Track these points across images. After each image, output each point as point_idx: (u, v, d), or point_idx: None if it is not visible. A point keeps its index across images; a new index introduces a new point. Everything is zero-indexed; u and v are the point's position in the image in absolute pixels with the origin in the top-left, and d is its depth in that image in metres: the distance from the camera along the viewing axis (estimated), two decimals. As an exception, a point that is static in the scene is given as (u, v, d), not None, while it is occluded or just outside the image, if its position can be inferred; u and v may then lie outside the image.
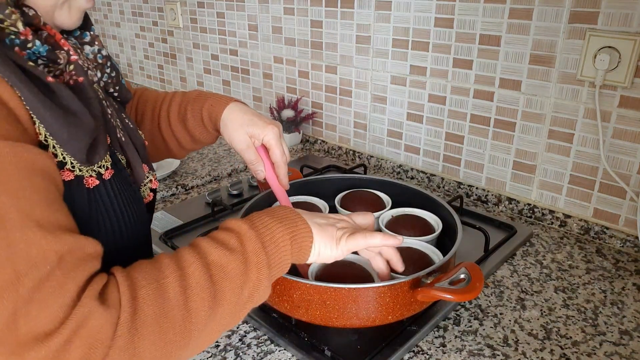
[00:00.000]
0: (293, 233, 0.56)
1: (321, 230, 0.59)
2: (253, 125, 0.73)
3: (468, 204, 1.15)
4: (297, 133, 1.50)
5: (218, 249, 0.51)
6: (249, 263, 0.51)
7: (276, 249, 0.54)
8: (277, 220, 0.56)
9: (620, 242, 0.97)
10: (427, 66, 1.17)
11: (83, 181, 0.50)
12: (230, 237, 0.52)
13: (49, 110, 0.45)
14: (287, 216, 0.57)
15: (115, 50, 2.35)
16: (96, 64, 0.59)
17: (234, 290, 0.50)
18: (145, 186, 0.64)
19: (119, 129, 0.60)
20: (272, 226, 0.55)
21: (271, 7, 1.48)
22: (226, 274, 0.50)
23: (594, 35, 0.90)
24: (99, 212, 0.52)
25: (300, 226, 0.57)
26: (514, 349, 0.72)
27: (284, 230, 0.55)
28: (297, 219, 0.58)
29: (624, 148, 0.93)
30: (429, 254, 0.77)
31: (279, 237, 0.55)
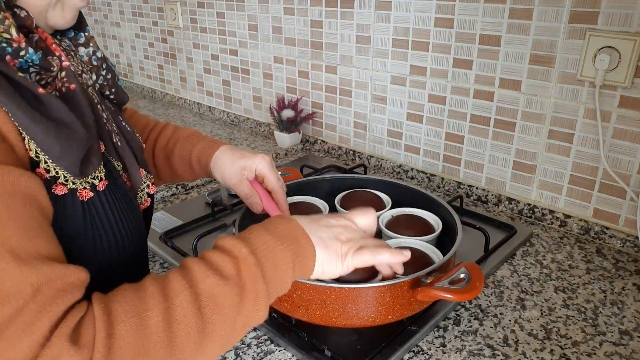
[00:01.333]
0: (295, 254, 0.52)
1: (325, 247, 0.55)
2: (243, 158, 0.72)
3: (468, 204, 1.15)
4: (297, 133, 1.50)
5: (211, 277, 0.46)
6: (245, 293, 0.47)
7: (277, 274, 0.50)
8: (278, 239, 0.51)
9: (620, 242, 0.97)
10: (427, 66, 1.17)
11: (77, 194, 0.49)
12: (226, 262, 0.48)
13: (40, 125, 0.44)
14: (289, 234, 0.53)
15: (115, 50, 2.35)
16: (91, 66, 0.57)
17: (226, 322, 0.46)
18: (143, 192, 0.62)
19: (115, 133, 0.58)
20: (273, 247, 0.50)
21: (271, 7, 1.48)
22: (218, 306, 0.45)
23: (594, 35, 0.90)
24: (94, 225, 0.50)
25: (303, 244, 0.53)
26: (514, 349, 0.72)
27: (286, 250, 0.51)
28: (300, 236, 0.53)
29: (624, 148, 0.93)
30: (429, 253, 0.77)
31: (280, 260, 0.50)
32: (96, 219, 0.51)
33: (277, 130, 1.51)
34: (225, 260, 0.48)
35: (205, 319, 0.44)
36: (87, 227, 0.50)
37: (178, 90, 2.04)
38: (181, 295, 0.44)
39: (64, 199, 0.48)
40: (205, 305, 0.45)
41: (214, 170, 0.74)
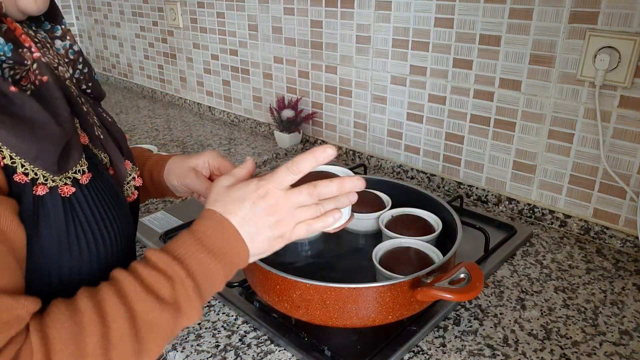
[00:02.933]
0: (229, 266, 0.51)
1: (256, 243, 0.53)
2: (193, 157, 0.72)
3: (468, 204, 1.15)
4: (297, 133, 1.50)
5: (147, 300, 0.45)
6: (181, 314, 0.47)
7: (212, 289, 0.50)
8: (214, 256, 0.49)
9: (620, 242, 0.97)
10: (427, 66, 1.17)
11: (57, 191, 0.47)
12: (162, 284, 0.46)
13: (13, 129, 0.42)
14: (223, 245, 0.50)
15: (115, 50, 2.35)
16: (67, 59, 0.56)
17: (161, 341, 0.47)
18: (129, 184, 0.61)
19: (97, 126, 0.57)
20: (208, 265, 0.49)
21: (271, 7, 1.48)
22: (154, 329, 0.45)
23: (594, 35, 0.90)
24: (78, 221, 0.49)
25: (238, 253, 0.51)
26: (514, 349, 0.72)
27: (220, 267, 0.50)
28: (234, 245, 0.51)
29: (624, 148, 0.93)
30: (429, 253, 0.77)
31: (215, 278, 0.50)
32: (80, 215, 0.49)
33: (277, 130, 1.51)
34: (162, 282, 0.46)
35: (142, 342, 0.44)
36: (70, 223, 0.48)
37: (178, 90, 2.04)
38: (118, 320, 0.43)
39: (44, 199, 0.46)
40: (142, 328, 0.44)
41: (168, 177, 0.72)
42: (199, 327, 0.77)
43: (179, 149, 1.52)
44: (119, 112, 1.95)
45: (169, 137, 1.63)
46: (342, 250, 0.91)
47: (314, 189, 0.53)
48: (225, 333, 0.76)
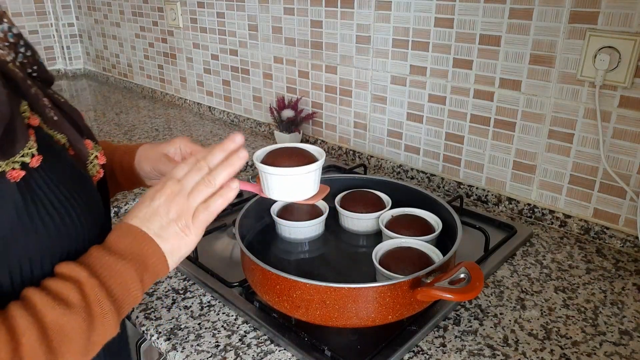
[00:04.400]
0: (141, 265, 0.49)
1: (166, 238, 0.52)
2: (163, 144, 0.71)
3: (468, 204, 1.15)
4: (297, 133, 1.50)
5: (56, 307, 0.43)
6: (92, 317, 0.45)
7: (124, 290, 0.48)
8: (120, 256, 0.49)
9: (620, 242, 0.97)
10: (427, 66, 1.17)
11: (6, 176, 0.45)
12: (69, 289, 0.45)
13: None
14: (131, 246, 0.50)
15: (115, 50, 2.36)
16: (8, 43, 0.54)
17: (77, 350, 0.45)
18: (92, 163, 0.59)
19: (49, 108, 0.54)
20: (114, 265, 0.48)
21: (271, 7, 1.48)
22: (67, 337, 0.44)
23: (594, 35, 0.90)
24: (39, 200, 0.47)
25: (148, 252, 0.50)
26: (514, 349, 0.72)
27: (129, 266, 0.49)
28: (144, 244, 0.50)
29: (624, 148, 0.93)
30: (429, 253, 0.77)
31: (125, 276, 0.48)
32: (41, 195, 0.47)
33: (277, 130, 1.51)
34: (68, 287, 0.45)
35: (56, 353, 0.43)
36: (30, 204, 0.46)
37: (178, 90, 2.04)
38: (27, 333, 0.42)
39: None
40: (54, 338, 0.43)
41: (140, 163, 0.71)
42: (199, 327, 0.77)
43: (179, 149, 1.52)
44: (119, 112, 1.95)
45: (169, 137, 1.63)
46: (342, 250, 0.91)
47: (202, 161, 0.53)
48: (225, 333, 0.76)
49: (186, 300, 0.83)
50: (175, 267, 0.91)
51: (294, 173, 0.64)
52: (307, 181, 0.65)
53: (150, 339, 0.77)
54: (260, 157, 0.68)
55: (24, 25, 2.46)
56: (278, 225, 0.91)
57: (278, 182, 0.65)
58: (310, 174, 0.65)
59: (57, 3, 2.51)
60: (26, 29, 2.48)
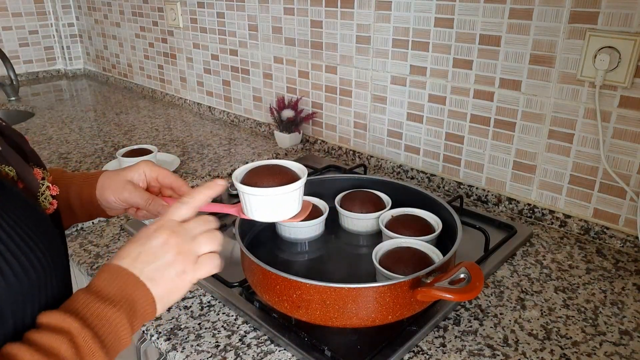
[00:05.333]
0: (131, 312, 0.47)
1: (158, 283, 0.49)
2: (126, 170, 0.67)
3: (468, 204, 1.15)
4: (297, 133, 1.50)
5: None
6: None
7: (115, 339, 0.46)
8: (110, 303, 0.46)
9: (620, 242, 0.97)
10: (427, 66, 1.17)
11: None
12: (60, 342, 0.42)
13: None
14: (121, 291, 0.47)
15: (115, 50, 2.35)
16: None
17: None
18: (43, 195, 0.54)
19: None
20: (105, 314, 0.45)
21: (271, 7, 1.48)
22: None
23: (594, 35, 0.90)
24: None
25: (139, 297, 0.48)
26: (514, 349, 0.72)
27: (120, 313, 0.46)
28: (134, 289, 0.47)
29: (624, 148, 0.93)
30: (429, 253, 0.77)
31: (116, 325, 0.45)
32: None
33: (277, 130, 1.51)
34: (59, 341, 0.42)
35: None
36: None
37: (178, 90, 2.04)
38: None
39: None
40: None
41: (103, 193, 0.67)
42: (199, 327, 0.77)
43: (179, 149, 1.52)
44: (119, 112, 1.95)
45: (169, 137, 1.63)
46: (342, 250, 0.91)
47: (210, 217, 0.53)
48: (225, 333, 0.76)
49: (186, 300, 0.83)
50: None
51: (275, 193, 0.62)
52: (289, 200, 0.63)
53: (150, 339, 0.77)
54: (239, 176, 0.66)
55: (24, 25, 2.46)
56: (278, 225, 0.91)
57: (260, 202, 0.62)
58: (293, 192, 0.63)
59: (57, 3, 2.51)
60: (26, 29, 2.48)
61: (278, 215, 0.64)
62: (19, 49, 2.48)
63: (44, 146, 1.55)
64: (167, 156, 1.41)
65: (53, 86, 2.41)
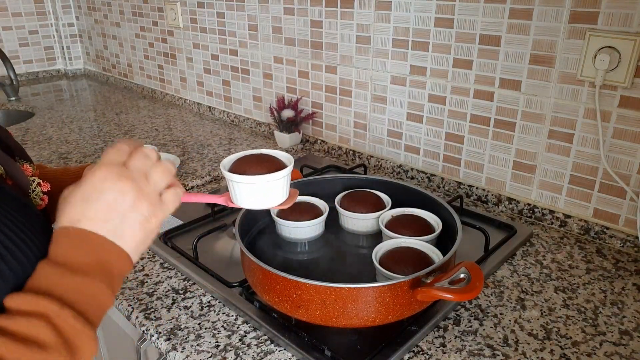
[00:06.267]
0: (108, 275, 0.43)
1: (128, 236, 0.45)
2: None
3: (468, 204, 1.15)
4: (297, 133, 1.50)
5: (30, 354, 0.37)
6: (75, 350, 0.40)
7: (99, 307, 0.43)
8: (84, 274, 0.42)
9: (620, 242, 0.97)
10: (427, 66, 1.17)
11: None
12: (39, 328, 0.38)
13: None
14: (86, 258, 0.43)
15: (115, 50, 2.35)
16: None
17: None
18: (35, 192, 0.53)
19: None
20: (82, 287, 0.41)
21: (271, 7, 1.48)
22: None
23: (594, 35, 0.90)
24: None
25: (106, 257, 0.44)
26: (514, 349, 0.72)
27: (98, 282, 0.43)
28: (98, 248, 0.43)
29: (624, 148, 0.93)
30: (429, 253, 0.77)
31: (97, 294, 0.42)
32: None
33: (277, 130, 1.51)
34: (37, 327, 0.38)
35: None
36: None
37: (178, 90, 2.04)
38: None
39: None
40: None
41: None
42: (199, 327, 0.77)
43: (179, 148, 1.52)
44: (119, 112, 1.95)
45: (169, 137, 1.63)
46: (342, 250, 0.91)
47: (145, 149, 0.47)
48: (225, 333, 0.76)
49: (186, 300, 0.83)
50: (175, 267, 0.91)
51: (264, 180, 0.62)
52: (277, 187, 0.64)
53: (150, 339, 0.77)
54: (227, 165, 0.66)
55: (24, 25, 2.47)
56: (278, 225, 0.91)
57: (247, 190, 0.63)
58: (281, 180, 0.63)
59: (57, 3, 2.51)
60: (26, 29, 2.48)
61: (266, 203, 0.65)
62: (19, 49, 2.48)
63: (44, 146, 1.55)
64: (167, 156, 1.41)
65: (53, 86, 2.41)
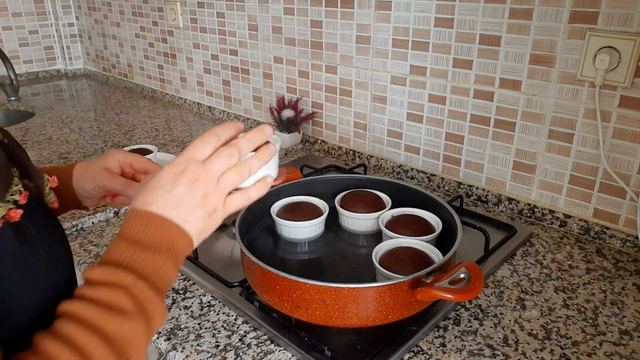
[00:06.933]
0: (174, 255, 0.48)
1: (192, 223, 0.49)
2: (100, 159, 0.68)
3: (468, 204, 1.15)
4: (297, 133, 1.50)
5: (113, 318, 0.42)
6: (149, 317, 0.45)
7: (165, 282, 0.47)
8: (155, 251, 0.46)
9: (620, 242, 0.97)
10: (427, 66, 1.17)
11: (7, 218, 0.42)
12: (120, 297, 0.43)
13: None
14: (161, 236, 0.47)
15: (115, 50, 2.35)
16: None
17: (142, 348, 0.45)
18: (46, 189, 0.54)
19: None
20: (153, 262, 0.46)
21: (271, 7, 1.48)
22: (132, 342, 0.43)
23: (594, 35, 0.90)
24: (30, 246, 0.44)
25: (177, 240, 0.48)
26: (514, 349, 0.72)
27: (167, 259, 0.47)
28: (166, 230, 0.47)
29: (624, 148, 0.93)
30: (429, 253, 0.77)
31: (166, 270, 0.47)
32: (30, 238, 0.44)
33: (277, 130, 1.51)
34: (117, 295, 0.43)
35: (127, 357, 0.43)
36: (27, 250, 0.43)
37: (178, 90, 2.04)
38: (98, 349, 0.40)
39: None
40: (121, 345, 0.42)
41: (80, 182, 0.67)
42: (199, 327, 0.77)
43: (179, 148, 1.52)
44: (119, 112, 1.95)
45: (169, 137, 1.63)
46: (342, 250, 0.91)
47: (233, 147, 0.50)
48: (225, 333, 0.76)
49: (186, 300, 0.83)
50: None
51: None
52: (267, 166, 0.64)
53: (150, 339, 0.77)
54: None
55: (24, 25, 2.47)
56: (278, 225, 0.91)
57: None
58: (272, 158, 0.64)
59: (57, 3, 2.51)
60: (26, 29, 2.48)
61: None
62: (19, 49, 2.48)
63: (44, 146, 1.55)
64: (167, 156, 1.41)
65: (53, 86, 2.41)
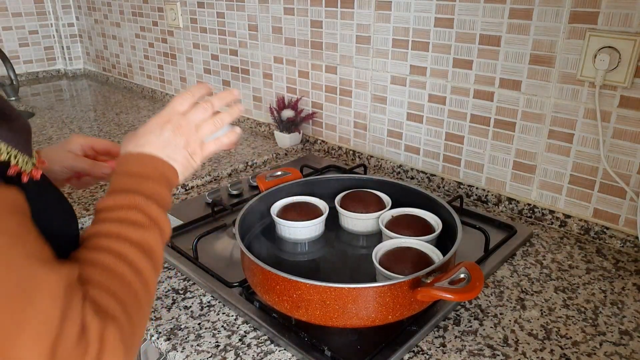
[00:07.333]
0: (168, 184, 0.58)
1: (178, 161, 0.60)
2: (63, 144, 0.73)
3: (468, 204, 1.15)
4: (297, 133, 1.50)
5: (136, 230, 0.51)
6: (162, 229, 0.54)
7: (165, 207, 0.57)
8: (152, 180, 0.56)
9: (620, 242, 0.97)
10: (427, 66, 1.17)
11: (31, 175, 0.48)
12: (134, 213, 0.52)
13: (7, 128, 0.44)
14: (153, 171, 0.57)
15: (115, 50, 2.35)
16: None
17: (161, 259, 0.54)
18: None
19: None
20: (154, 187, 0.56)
21: (271, 7, 1.48)
22: (155, 251, 0.52)
23: (594, 35, 0.90)
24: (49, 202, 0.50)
25: (167, 173, 0.58)
26: (514, 349, 0.72)
27: (163, 186, 0.57)
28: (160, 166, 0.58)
29: (624, 148, 0.93)
30: (429, 253, 0.77)
31: (163, 196, 0.56)
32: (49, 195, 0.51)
33: (277, 130, 1.51)
34: (132, 212, 0.52)
35: (157, 267, 0.52)
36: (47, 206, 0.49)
37: (178, 90, 2.04)
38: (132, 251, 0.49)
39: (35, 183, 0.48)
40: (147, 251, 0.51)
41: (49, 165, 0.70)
42: (199, 327, 0.77)
43: (179, 149, 1.52)
44: (119, 112, 1.95)
45: (169, 137, 1.63)
46: (342, 250, 0.91)
47: (207, 103, 0.63)
48: (225, 333, 0.76)
49: (186, 300, 0.83)
50: (175, 267, 0.91)
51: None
52: None
53: (150, 339, 0.77)
54: None
55: (24, 25, 2.46)
56: (278, 225, 0.91)
57: None
58: None
59: (57, 3, 2.50)
60: (26, 29, 2.48)
61: None
62: (19, 49, 2.48)
63: (43, 146, 1.55)
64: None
65: (53, 86, 2.41)
